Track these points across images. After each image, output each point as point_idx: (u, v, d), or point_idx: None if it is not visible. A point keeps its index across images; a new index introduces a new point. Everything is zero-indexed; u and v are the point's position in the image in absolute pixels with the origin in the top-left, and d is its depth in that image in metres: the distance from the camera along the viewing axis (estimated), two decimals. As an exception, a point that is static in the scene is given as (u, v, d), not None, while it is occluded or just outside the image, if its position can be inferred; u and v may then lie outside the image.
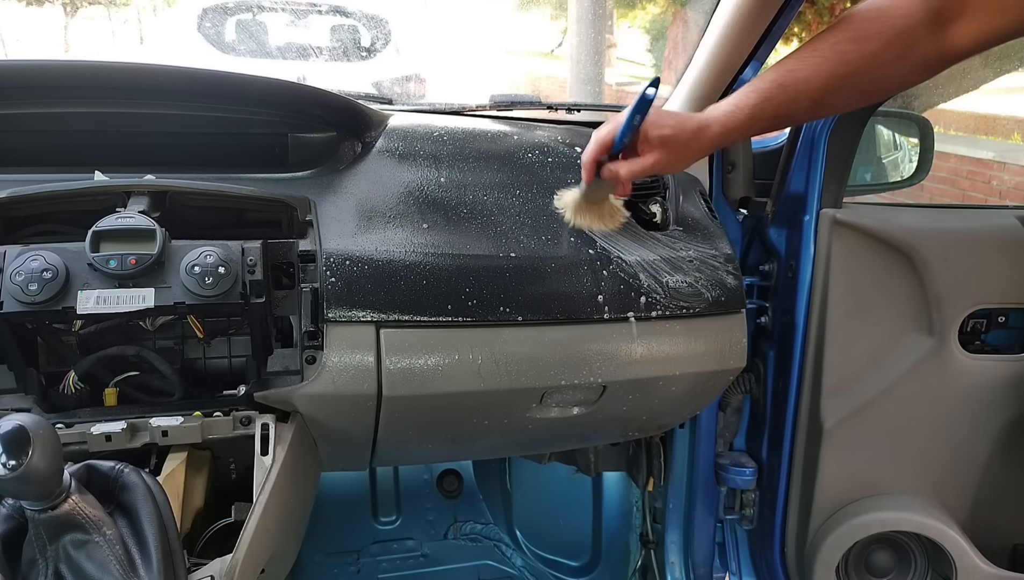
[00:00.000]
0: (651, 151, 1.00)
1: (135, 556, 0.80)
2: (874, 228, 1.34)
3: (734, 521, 1.61)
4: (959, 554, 1.43)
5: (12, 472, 0.68)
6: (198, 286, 0.90)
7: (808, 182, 1.36)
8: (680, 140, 0.99)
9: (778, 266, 1.43)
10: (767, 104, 0.98)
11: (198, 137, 1.16)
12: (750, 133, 1.05)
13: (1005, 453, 1.45)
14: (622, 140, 0.99)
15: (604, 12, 6.89)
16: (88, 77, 1.08)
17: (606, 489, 1.80)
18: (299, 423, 1.00)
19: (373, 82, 4.52)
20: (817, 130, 1.34)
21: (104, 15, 11.54)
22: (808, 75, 0.96)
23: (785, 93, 0.97)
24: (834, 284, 1.36)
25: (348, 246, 1.03)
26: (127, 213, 0.94)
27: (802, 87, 0.97)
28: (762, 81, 0.98)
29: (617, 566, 1.80)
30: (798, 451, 1.46)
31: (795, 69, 0.96)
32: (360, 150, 1.19)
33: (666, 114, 1.00)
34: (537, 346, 1.08)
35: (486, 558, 1.90)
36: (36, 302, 0.86)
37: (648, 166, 1.00)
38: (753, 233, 1.47)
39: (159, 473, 0.93)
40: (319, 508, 1.13)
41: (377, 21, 5.32)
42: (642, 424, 1.32)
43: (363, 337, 1.00)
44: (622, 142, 0.99)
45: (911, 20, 0.92)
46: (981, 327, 1.43)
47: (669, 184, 1.24)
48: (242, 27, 5.14)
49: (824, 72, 0.96)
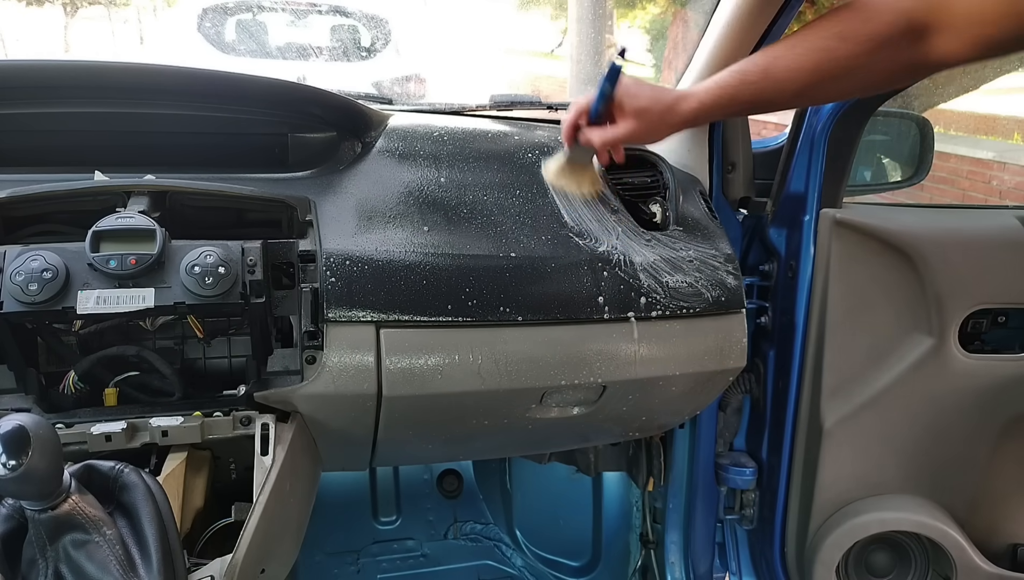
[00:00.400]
0: (625, 120, 1.02)
1: (135, 556, 0.80)
2: (874, 228, 1.34)
3: (734, 521, 1.61)
4: (959, 554, 1.43)
5: (12, 472, 0.68)
6: (198, 286, 0.90)
7: (808, 182, 1.36)
8: (655, 112, 1.01)
9: (778, 266, 1.43)
10: (748, 88, 0.98)
11: (198, 137, 1.16)
12: (727, 114, 1.07)
13: (1005, 453, 1.45)
14: (597, 108, 1.02)
15: (604, 12, 6.89)
16: (88, 77, 1.08)
17: (606, 489, 1.80)
18: (299, 423, 1.00)
19: (373, 82, 4.52)
20: (817, 130, 1.34)
21: (104, 15, 11.54)
22: (793, 65, 0.97)
23: (768, 80, 0.98)
24: (834, 284, 1.36)
25: (348, 246, 1.03)
26: (127, 213, 0.94)
27: (785, 76, 0.97)
28: (747, 64, 0.98)
29: (617, 566, 1.80)
30: (798, 451, 1.46)
31: (781, 57, 0.97)
32: (360, 150, 1.19)
33: (644, 85, 1.02)
34: (537, 346, 1.08)
35: (486, 558, 1.90)
36: (36, 302, 0.86)
37: (621, 135, 1.02)
38: (753, 233, 1.47)
39: (159, 473, 0.93)
40: (319, 508, 1.13)
41: (377, 21, 5.32)
42: (642, 424, 1.32)
43: (363, 337, 1.00)
44: (597, 110, 1.02)
45: (895, 28, 0.92)
46: (981, 327, 1.43)
47: (669, 184, 1.24)
48: (242, 27, 5.14)
49: (810, 65, 0.96)
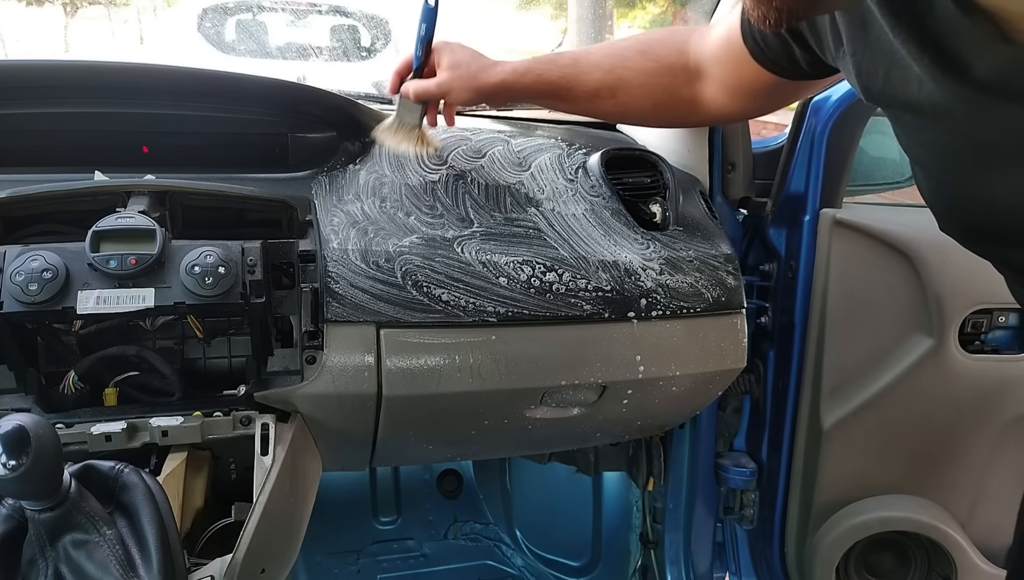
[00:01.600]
0: (440, 73, 1.07)
1: (135, 556, 0.80)
2: (874, 228, 1.34)
3: (734, 521, 1.61)
4: (959, 554, 1.43)
5: (12, 472, 0.68)
6: (198, 286, 0.90)
7: (808, 182, 1.36)
8: (469, 70, 1.06)
9: (778, 266, 1.43)
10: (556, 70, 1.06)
11: (198, 137, 1.16)
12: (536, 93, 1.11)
13: (1005, 453, 1.45)
14: (417, 56, 1.07)
15: (604, 12, 6.89)
16: (88, 77, 1.08)
17: (606, 489, 1.80)
18: (299, 423, 1.00)
19: (373, 82, 4.51)
20: (817, 130, 1.34)
21: (104, 15, 11.54)
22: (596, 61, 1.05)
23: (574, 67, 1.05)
24: (834, 284, 1.36)
25: (348, 246, 1.03)
26: (127, 213, 0.93)
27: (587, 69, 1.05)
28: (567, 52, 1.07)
29: (617, 566, 1.80)
30: (798, 451, 1.46)
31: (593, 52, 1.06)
32: (360, 150, 1.19)
33: (467, 48, 1.08)
34: (537, 346, 1.08)
35: (486, 558, 1.90)
36: (36, 302, 0.86)
37: (432, 86, 1.07)
38: (753, 233, 1.47)
39: (159, 473, 0.93)
40: (319, 508, 1.13)
41: (377, 21, 5.31)
42: (642, 424, 1.32)
43: (363, 337, 1.00)
44: (418, 58, 1.07)
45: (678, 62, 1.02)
46: (981, 327, 1.43)
47: (669, 184, 1.24)
48: (242, 27, 5.14)
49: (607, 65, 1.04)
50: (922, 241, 1.33)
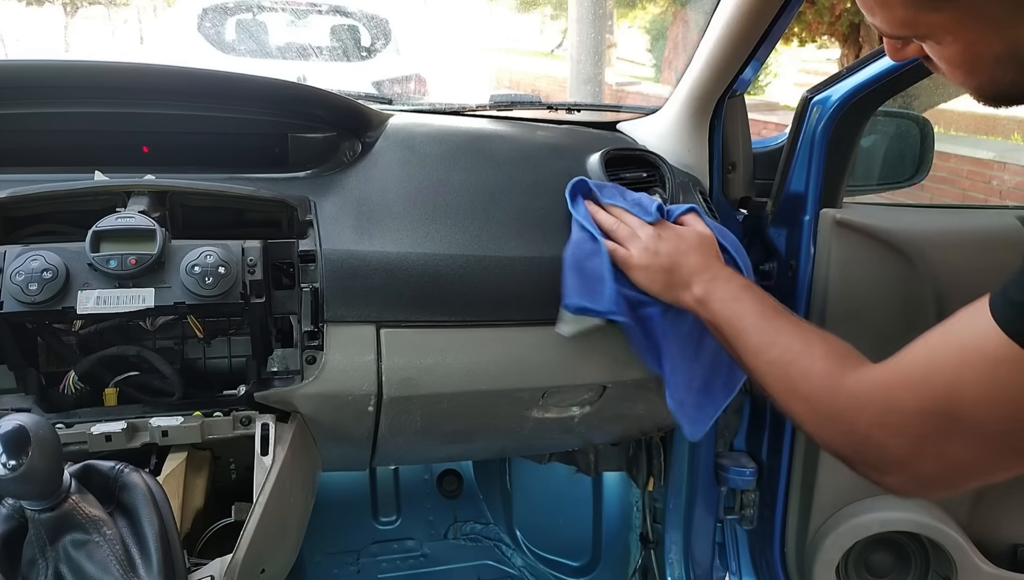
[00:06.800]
0: None
1: (135, 556, 0.80)
2: (874, 228, 1.34)
3: (734, 521, 1.61)
4: (959, 554, 1.43)
5: (12, 472, 0.68)
6: (198, 286, 0.90)
7: (808, 182, 1.36)
8: None
9: (778, 266, 1.43)
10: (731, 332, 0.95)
11: (198, 137, 1.16)
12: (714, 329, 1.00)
13: (1005, 453, 1.45)
14: None
15: (604, 12, 6.90)
16: (88, 77, 1.08)
17: (606, 489, 1.80)
18: (299, 423, 1.00)
19: (373, 82, 4.52)
20: (817, 130, 1.34)
21: (104, 15, 11.55)
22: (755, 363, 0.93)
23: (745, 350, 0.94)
24: (834, 284, 1.36)
25: (348, 246, 1.03)
26: (127, 213, 0.94)
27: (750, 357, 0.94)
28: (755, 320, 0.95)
29: (617, 566, 1.80)
30: (798, 451, 1.46)
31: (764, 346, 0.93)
32: (360, 150, 1.19)
33: None
34: (537, 346, 1.08)
35: (486, 558, 1.90)
36: (36, 302, 0.86)
37: None
38: (753, 233, 1.47)
39: (159, 473, 0.93)
40: (319, 508, 1.13)
41: (377, 21, 5.32)
42: (642, 424, 1.32)
43: (363, 337, 1.00)
44: None
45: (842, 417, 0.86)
46: (981, 327, 1.43)
47: (669, 184, 1.24)
48: (242, 27, 5.15)
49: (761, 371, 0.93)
50: (922, 241, 1.33)
